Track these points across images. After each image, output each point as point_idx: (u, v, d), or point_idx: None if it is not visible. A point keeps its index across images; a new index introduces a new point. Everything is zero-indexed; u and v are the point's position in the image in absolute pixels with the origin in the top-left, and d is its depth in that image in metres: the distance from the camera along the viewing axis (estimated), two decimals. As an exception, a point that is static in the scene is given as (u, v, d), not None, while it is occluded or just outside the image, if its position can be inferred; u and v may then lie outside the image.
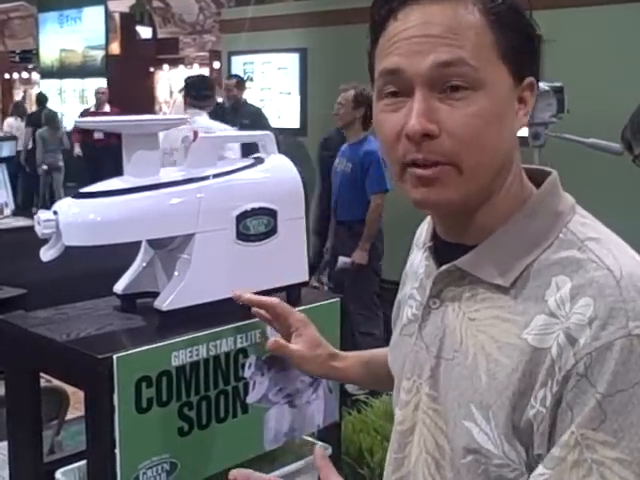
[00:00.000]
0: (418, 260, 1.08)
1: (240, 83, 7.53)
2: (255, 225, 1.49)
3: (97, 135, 10.15)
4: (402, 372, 1.04)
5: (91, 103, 13.51)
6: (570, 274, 0.87)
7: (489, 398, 0.89)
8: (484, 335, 0.92)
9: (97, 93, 11.52)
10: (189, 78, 5.53)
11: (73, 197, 1.36)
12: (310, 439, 1.65)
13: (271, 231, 1.52)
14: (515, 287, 0.91)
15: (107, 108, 11.17)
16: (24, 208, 9.85)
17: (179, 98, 7.11)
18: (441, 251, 1.00)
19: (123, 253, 1.60)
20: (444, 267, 0.96)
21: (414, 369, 1.01)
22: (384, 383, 1.25)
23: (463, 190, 0.90)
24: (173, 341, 1.35)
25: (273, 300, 1.31)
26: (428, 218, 1.12)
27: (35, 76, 17.23)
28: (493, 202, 0.94)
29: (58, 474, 1.51)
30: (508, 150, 0.93)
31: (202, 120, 5.00)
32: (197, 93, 5.22)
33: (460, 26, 0.88)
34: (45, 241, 1.33)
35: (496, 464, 0.88)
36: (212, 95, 5.37)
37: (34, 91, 16.53)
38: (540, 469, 0.84)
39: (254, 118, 6.90)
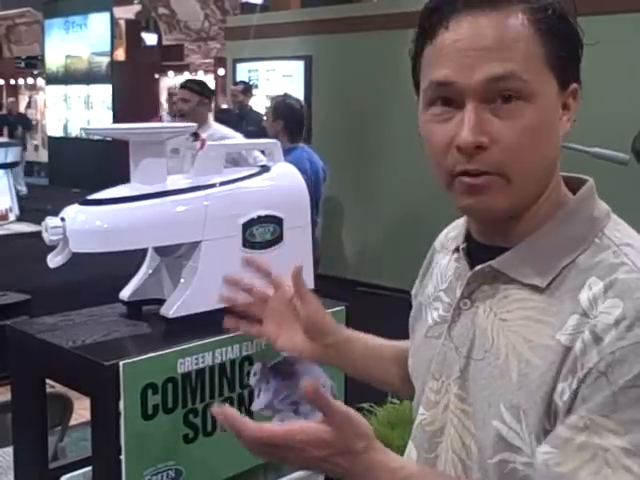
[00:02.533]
0: (446, 262, 1.09)
1: (247, 89, 7.54)
2: (261, 233, 1.50)
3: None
4: (428, 373, 1.04)
5: (96, 109, 13.62)
6: (602, 276, 0.88)
7: (520, 398, 0.89)
8: (516, 335, 0.92)
9: None
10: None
11: (80, 204, 1.37)
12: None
13: (277, 239, 1.53)
14: (549, 289, 0.91)
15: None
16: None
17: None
18: (475, 253, 1.01)
19: (129, 260, 1.61)
20: (479, 267, 0.97)
21: (443, 369, 1.01)
22: (374, 377, 1.29)
23: (511, 198, 0.91)
24: (179, 348, 1.36)
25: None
26: (455, 222, 1.14)
27: (40, 82, 17.29)
28: (536, 207, 0.95)
29: (63, 480, 1.51)
30: (555, 157, 0.94)
31: (220, 128, 5.02)
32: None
33: (511, 38, 0.88)
34: (49, 246, 1.33)
35: (524, 462, 0.89)
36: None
37: (39, 97, 16.57)
38: (545, 447, 0.85)
39: (260, 125, 6.91)
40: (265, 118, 4.91)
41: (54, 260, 1.33)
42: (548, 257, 0.93)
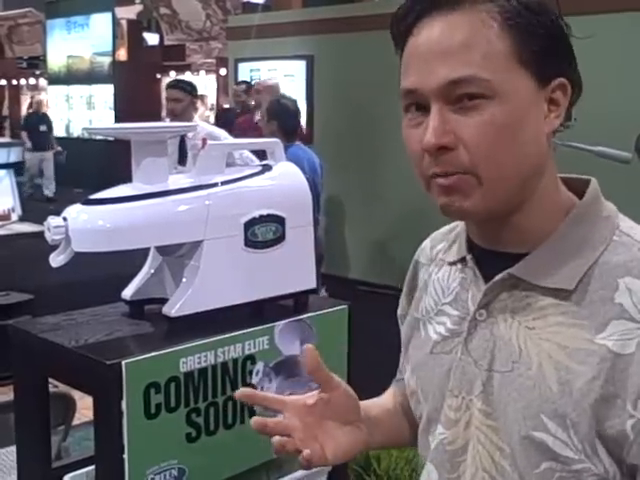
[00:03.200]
0: (445, 275, 1.06)
1: (249, 89, 7.55)
2: (263, 232, 1.50)
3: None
4: (444, 390, 1.00)
5: (98, 109, 13.61)
6: (639, 276, 0.87)
7: (565, 406, 0.87)
8: (549, 343, 0.90)
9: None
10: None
11: (82, 203, 1.37)
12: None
13: (279, 238, 1.53)
14: (577, 291, 0.90)
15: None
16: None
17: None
18: (484, 260, 0.99)
19: (132, 259, 1.61)
20: (499, 277, 0.94)
21: (462, 385, 0.97)
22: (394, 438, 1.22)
23: (485, 199, 0.90)
24: (181, 347, 1.36)
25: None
26: (435, 234, 1.14)
27: (42, 82, 17.30)
28: (529, 207, 0.93)
29: (66, 479, 1.51)
30: (536, 156, 0.92)
31: (206, 126, 5.02)
32: None
33: (473, 37, 0.88)
34: (52, 247, 1.34)
35: (575, 469, 0.87)
36: None
37: (41, 97, 16.58)
38: None
39: (261, 124, 6.92)
40: (260, 118, 4.90)
41: (56, 259, 1.34)
42: (569, 260, 0.91)
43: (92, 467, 1.42)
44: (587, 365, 0.86)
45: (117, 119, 13.45)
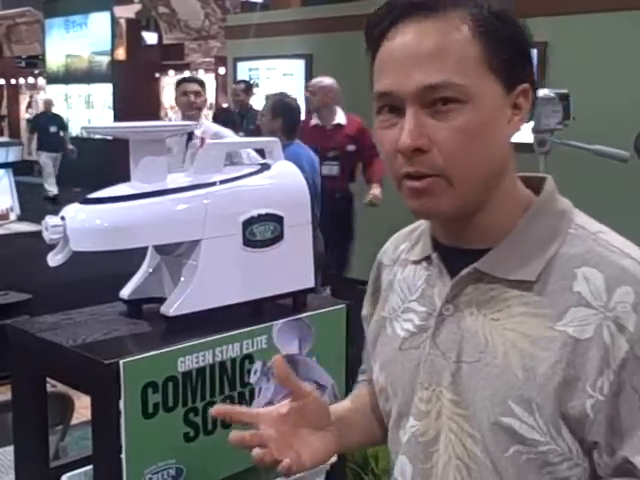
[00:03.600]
0: (410, 273, 1.10)
1: (248, 88, 7.55)
2: (261, 231, 1.50)
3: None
4: (414, 384, 1.04)
5: (97, 108, 13.58)
6: (597, 266, 0.92)
7: (530, 391, 0.92)
8: (513, 333, 0.95)
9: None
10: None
11: (80, 203, 1.37)
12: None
13: (277, 237, 1.52)
14: (538, 282, 0.95)
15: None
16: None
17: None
18: (448, 258, 1.03)
19: (130, 259, 1.61)
20: (465, 271, 0.99)
21: (432, 377, 1.02)
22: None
23: (454, 200, 0.94)
24: (179, 347, 1.36)
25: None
26: (398, 235, 1.18)
27: (41, 81, 17.29)
28: (491, 206, 0.98)
29: (64, 479, 1.51)
30: (500, 157, 0.96)
31: (213, 126, 5.02)
32: None
33: (446, 44, 0.91)
34: (50, 246, 1.33)
35: (542, 451, 0.93)
36: None
37: (40, 96, 16.56)
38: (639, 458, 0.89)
39: (260, 124, 6.91)
40: (260, 117, 4.90)
41: (54, 259, 1.33)
42: (530, 253, 0.96)
43: (90, 467, 1.42)
44: (549, 351, 0.91)
45: (116, 118, 13.44)
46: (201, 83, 5.29)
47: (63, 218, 1.32)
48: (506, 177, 0.98)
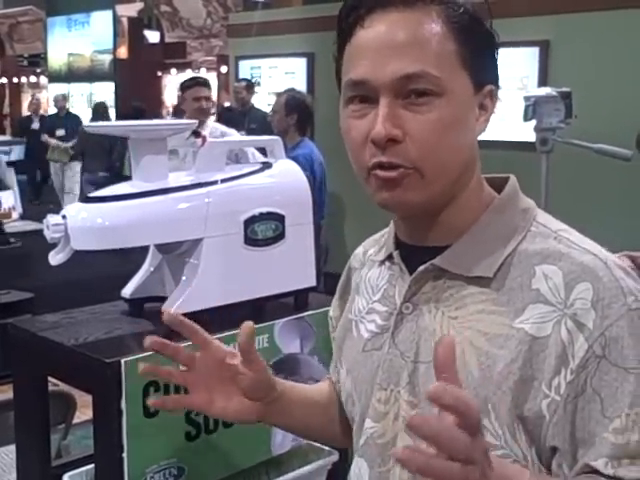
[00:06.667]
0: (375, 274, 1.09)
1: (249, 87, 7.54)
2: (263, 230, 1.49)
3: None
4: (373, 385, 1.02)
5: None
6: (556, 263, 0.91)
7: (486, 391, 0.89)
8: (470, 331, 0.93)
9: None
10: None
11: (82, 201, 1.37)
12: (317, 444, 1.65)
13: (279, 236, 1.52)
14: (496, 279, 0.93)
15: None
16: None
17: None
18: (410, 257, 1.01)
19: (131, 257, 1.61)
20: (421, 268, 0.98)
21: (390, 378, 1.00)
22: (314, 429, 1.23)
23: (425, 193, 0.94)
24: (181, 345, 1.35)
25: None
26: (368, 240, 1.17)
27: (43, 80, 17.30)
28: (457, 204, 0.98)
29: (66, 478, 1.51)
30: (469, 154, 0.97)
31: (219, 126, 5.02)
32: None
33: (423, 35, 0.91)
34: (53, 245, 1.33)
35: (496, 455, 0.86)
36: None
37: (42, 95, 16.56)
38: (602, 461, 0.85)
39: (262, 122, 6.91)
40: (272, 114, 4.90)
41: (56, 258, 1.33)
42: (489, 249, 0.95)
43: (91, 466, 1.42)
44: (506, 349, 0.89)
45: (118, 117, 13.44)
46: (209, 85, 5.22)
47: (64, 217, 1.32)
48: (473, 175, 0.98)
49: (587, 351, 0.85)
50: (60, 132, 10.59)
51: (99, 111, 11.25)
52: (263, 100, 7.91)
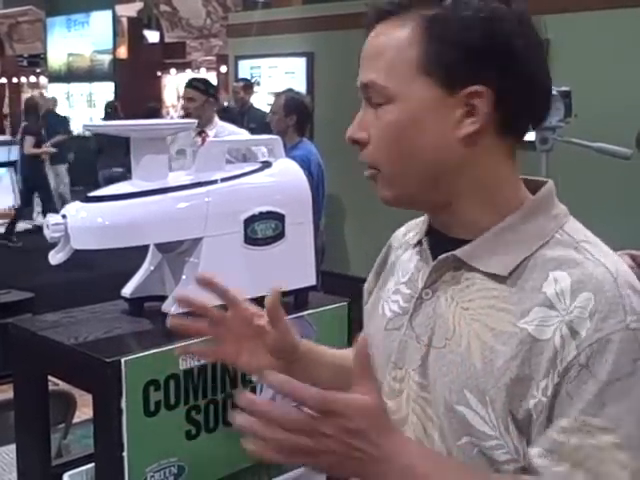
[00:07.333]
0: (408, 257, 1.13)
1: (247, 87, 7.54)
2: (263, 229, 1.49)
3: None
4: (389, 363, 1.07)
5: (99, 107, 13.47)
6: (568, 270, 0.92)
7: (485, 383, 0.93)
8: (478, 323, 0.96)
9: None
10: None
11: (82, 201, 1.37)
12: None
13: (279, 235, 1.52)
14: (511, 278, 0.96)
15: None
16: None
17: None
18: (438, 245, 1.05)
19: (131, 257, 1.61)
20: (442, 256, 1.01)
21: (404, 358, 1.05)
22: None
23: (392, 191, 1.01)
24: (181, 344, 1.35)
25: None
26: (411, 222, 1.21)
27: (43, 80, 17.30)
28: (464, 201, 1.00)
29: (66, 477, 1.51)
30: (437, 156, 0.98)
31: (227, 126, 5.02)
32: None
33: (386, 45, 0.98)
34: (53, 245, 1.33)
35: (490, 445, 0.93)
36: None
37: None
38: (538, 449, 0.89)
39: (261, 122, 6.91)
40: (271, 114, 4.90)
41: (56, 257, 1.33)
42: (509, 249, 0.97)
43: (92, 465, 1.42)
44: (508, 346, 0.92)
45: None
46: (197, 87, 5.10)
47: (64, 216, 1.32)
48: (471, 176, 0.98)
49: (574, 358, 0.88)
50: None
51: (109, 110, 11.34)
52: (263, 100, 7.92)
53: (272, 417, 0.83)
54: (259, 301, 1.52)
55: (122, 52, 14.32)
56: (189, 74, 14.08)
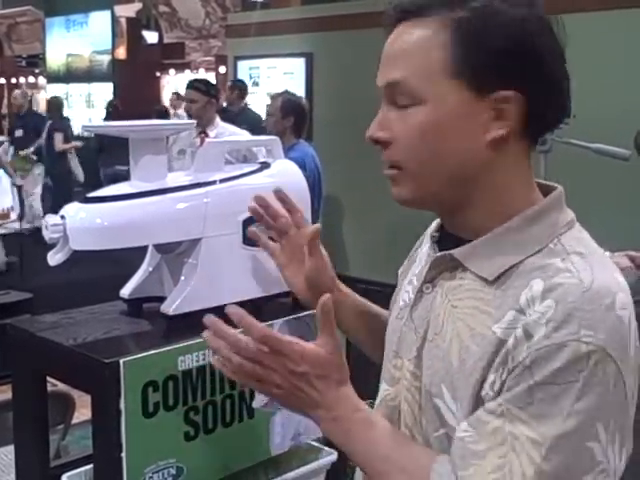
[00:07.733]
0: (426, 250, 1.16)
1: (234, 87, 7.56)
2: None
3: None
4: (391, 351, 1.13)
5: (98, 107, 13.47)
6: (545, 278, 0.93)
7: (458, 381, 0.97)
8: (462, 323, 0.99)
9: None
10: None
11: (81, 202, 1.36)
12: (316, 444, 1.65)
13: (277, 236, 1.52)
14: (497, 283, 0.98)
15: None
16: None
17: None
18: (444, 241, 1.08)
19: (130, 258, 1.61)
20: (439, 254, 1.05)
21: (403, 348, 1.10)
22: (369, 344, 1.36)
23: (413, 191, 1.02)
24: (180, 345, 1.35)
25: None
26: None
27: (42, 81, 17.31)
28: (474, 204, 1.01)
29: (64, 478, 1.51)
30: (467, 160, 0.98)
31: (228, 126, 5.02)
32: None
33: (414, 45, 0.97)
34: (52, 245, 1.33)
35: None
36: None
37: (41, 96, 16.57)
38: (464, 425, 0.93)
39: (254, 124, 6.91)
40: (267, 117, 4.90)
41: (54, 258, 1.33)
42: (501, 254, 0.98)
43: (90, 466, 1.42)
44: (480, 348, 0.95)
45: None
46: (199, 88, 5.09)
47: (63, 217, 1.32)
48: (489, 179, 0.99)
49: (523, 359, 0.89)
50: (18, 132, 9.95)
51: (110, 109, 11.40)
52: (262, 100, 7.92)
53: (229, 341, 1.01)
54: (257, 302, 1.52)
55: (121, 53, 14.32)
56: (188, 75, 14.10)
